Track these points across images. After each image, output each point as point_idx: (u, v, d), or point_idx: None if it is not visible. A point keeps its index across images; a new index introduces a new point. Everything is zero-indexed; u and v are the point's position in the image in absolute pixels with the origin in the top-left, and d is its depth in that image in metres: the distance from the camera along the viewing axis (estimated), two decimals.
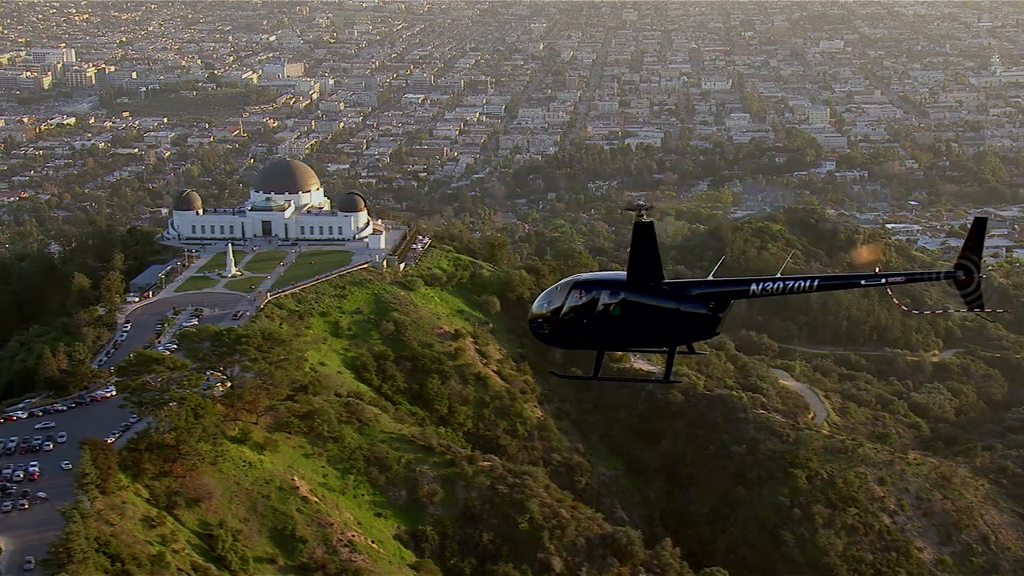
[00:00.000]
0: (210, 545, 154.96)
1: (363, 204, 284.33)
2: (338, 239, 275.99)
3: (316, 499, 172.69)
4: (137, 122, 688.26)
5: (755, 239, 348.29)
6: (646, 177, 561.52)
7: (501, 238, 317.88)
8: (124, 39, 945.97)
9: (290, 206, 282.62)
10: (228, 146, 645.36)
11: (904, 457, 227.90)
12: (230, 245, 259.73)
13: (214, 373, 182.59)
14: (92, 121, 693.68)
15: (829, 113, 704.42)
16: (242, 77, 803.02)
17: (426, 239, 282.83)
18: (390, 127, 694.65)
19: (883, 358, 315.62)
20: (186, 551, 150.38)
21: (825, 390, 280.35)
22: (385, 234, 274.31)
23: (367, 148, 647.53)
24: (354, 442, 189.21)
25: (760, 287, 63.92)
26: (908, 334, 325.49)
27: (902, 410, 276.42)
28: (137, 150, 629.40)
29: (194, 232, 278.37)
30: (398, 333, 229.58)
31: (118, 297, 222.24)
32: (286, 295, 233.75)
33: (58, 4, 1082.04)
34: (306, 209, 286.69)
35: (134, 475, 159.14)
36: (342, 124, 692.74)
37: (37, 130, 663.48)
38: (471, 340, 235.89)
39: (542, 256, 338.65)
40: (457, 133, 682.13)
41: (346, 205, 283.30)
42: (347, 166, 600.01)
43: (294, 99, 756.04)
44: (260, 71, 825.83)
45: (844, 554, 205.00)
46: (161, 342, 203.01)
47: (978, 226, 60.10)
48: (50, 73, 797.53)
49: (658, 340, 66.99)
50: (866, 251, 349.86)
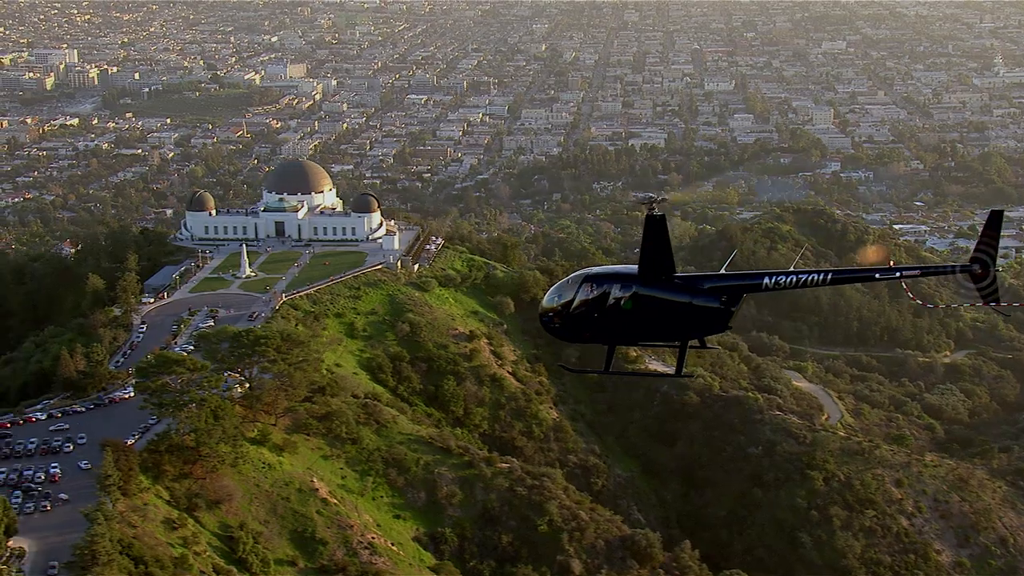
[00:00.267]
0: (231, 547, 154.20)
1: (377, 205, 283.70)
2: (351, 240, 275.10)
3: (335, 501, 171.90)
4: (140, 123, 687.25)
5: (765, 240, 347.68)
6: (651, 178, 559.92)
7: (514, 239, 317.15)
8: (126, 40, 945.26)
9: (303, 207, 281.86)
10: (232, 147, 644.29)
11: (921, 459, 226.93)
12: (244, 246, 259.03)
13: (232, 374, 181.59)
14: (95, 122, 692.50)
15: (833, 114, 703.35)
16: (244, 78, 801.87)
17: (439, 240, 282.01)
18: (393, 128, 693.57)
19: (894, 359, 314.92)
20: (207, 553, 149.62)
21: (838, 391, 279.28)
22: (399, 235, 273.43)
23: (371, 149, 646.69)
24: (372, 444, 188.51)
25: (773, 280, 64.24)
26: (919, 335, 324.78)
27: (915, 411, 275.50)
28: (141, 151, 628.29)
29: (207, 233, 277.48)
30: (413, 334, 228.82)
31: (133, 298, 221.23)
32: (301, 296, 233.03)
33: (59, 5, 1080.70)
34: (319, 210, 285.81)
35: (154, 477, 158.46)
36: (345, 125, 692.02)
37: (40, 131, 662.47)
38: (486, 341, 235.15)
39: (550, 256, 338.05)
40: (460, 134, 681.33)
41: (360, 206, 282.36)
42: (351, 167, 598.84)
43: (297, 100, 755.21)
44: (262, 72, 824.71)
45: (862, 556, 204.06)
46: (177, 343, 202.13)
47: (994, 219, 60.37)
48: (52, 74, 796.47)
49: (670, 334, 66.99)
50: (872, 251, 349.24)
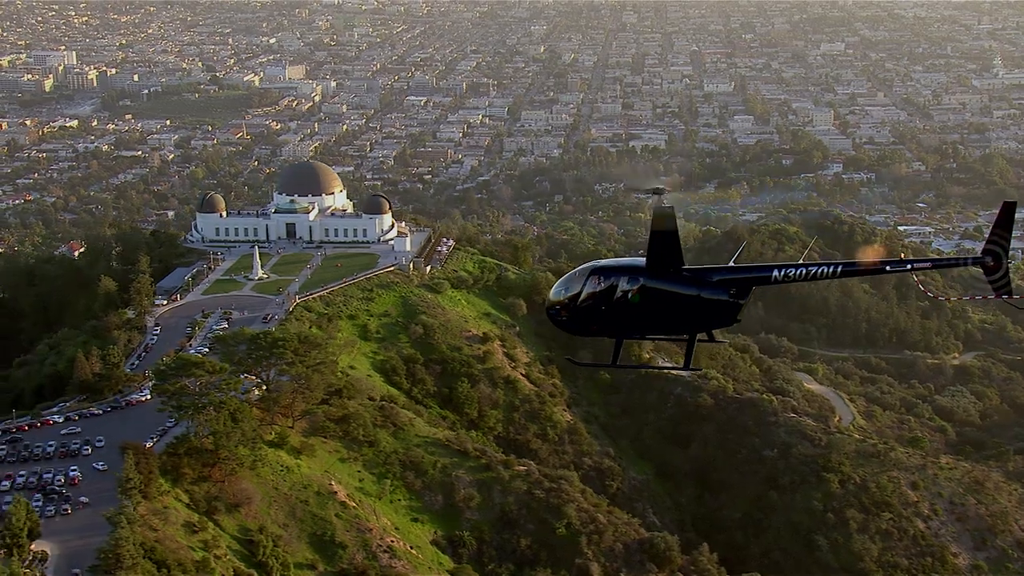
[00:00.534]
0: (250, 551, 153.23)
1: (388, 206, 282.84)
2: (363, 241, 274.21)
3: (354, 504, 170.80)
4: (140, 124, 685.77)
5: (772, 241, 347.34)
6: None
7: (525, 240, 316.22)
8: (124, 41, 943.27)
9: (314, 208, 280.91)
10: (232, 148, 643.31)
11: (936, 461, 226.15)
12: (257, 248, 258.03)
13: (248, 377, 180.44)
14: (95, 123, 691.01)
15: (833, 115, 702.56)
16: (243, 79, 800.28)
17: (450, 241, 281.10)
18: (393, 129, 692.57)
19: (903, 361, 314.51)
20: (228, 557, 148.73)
21: (849, 393, 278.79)
22: (410, 237, 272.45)
23: (371, 151, 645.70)
24: (389, 446, 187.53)
25: (783, 273, 63.07)
26: (928, 337, 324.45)
27: (927, 413, 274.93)
28: (141, 152, 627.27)
29: (218, 235, 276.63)
30: (427, 336, 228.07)
31: (147, 300, 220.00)
32: (314, 298, 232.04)
33: (57, 6, 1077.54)
34: (330, 211, 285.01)
35: (173, 480, 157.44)
36: (345, 127, 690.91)
37: (40, 132, 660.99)
38: (499, 343, 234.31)
39: (555, 258, 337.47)
40: (460, 135, 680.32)
41: (371, 207, 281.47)
42: (351, 168, 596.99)
43: (296, 101, 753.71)
44: (261, 73, 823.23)
45: (879, 559, 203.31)
46: (192, 345, 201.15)
47: (1007, 211, 59.51)
48: (51, 76, 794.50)
49: (678, 327, 66.24)
50: (877, 251, 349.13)
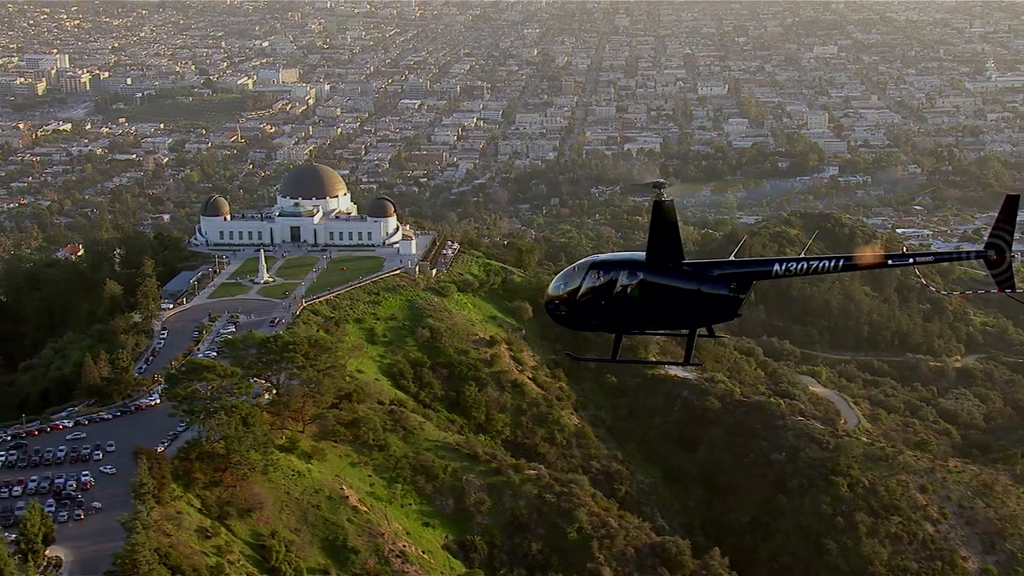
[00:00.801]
0: (263, 556, 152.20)
1: (392, 209, 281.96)
2: (368, 245, 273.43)
3: (365, 509, 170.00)
4: (133, 128, 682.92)
5: (773, 244, 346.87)
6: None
7: (529, 244, 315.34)
8: (116, 45, 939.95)
9: (318, 212, 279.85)
10: (226, 152, 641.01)
11: (944, 465, 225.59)
12: (262, 251, 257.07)
13: (257, 381, 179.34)
14: (88, 127, 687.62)
15: (827, 118, 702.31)
16: (237, 83, 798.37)
17: (455, 245, 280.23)
18: (388, 133, 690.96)
19: (906, 364, 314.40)
20: (241, 562, 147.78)
21: (853, 396, 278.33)
22: (415, 240, 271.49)
23: (366, 154, 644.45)
24: (399, 450, 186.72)
25: (784, 267, 62.66)
26: (930, 339, 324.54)
27: (931, 416, 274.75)
28: (135, 156, 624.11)
29: (222, 238, 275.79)
30: (433, 340, 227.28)
31: (153, 304, 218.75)
32: (321, 301, 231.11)
33: (48, 10, 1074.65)
34: (334, 214, 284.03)
35: (185, 485, 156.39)
36: (339, 130, 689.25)
37: (33, 136, 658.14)
38: (506, 346, 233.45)
39: (555, 261, 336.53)
40: (455, 139, 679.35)
41: (376, 210, 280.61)
42: (347, 172, 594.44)
43: (290, 105, 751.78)
44: (255, 77, 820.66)
45: (889, 563, 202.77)
46: (200, 349, 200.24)
47: (1010, 204, 59.17)
48: (44, 79, 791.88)
49: (678, 322, 65.71)
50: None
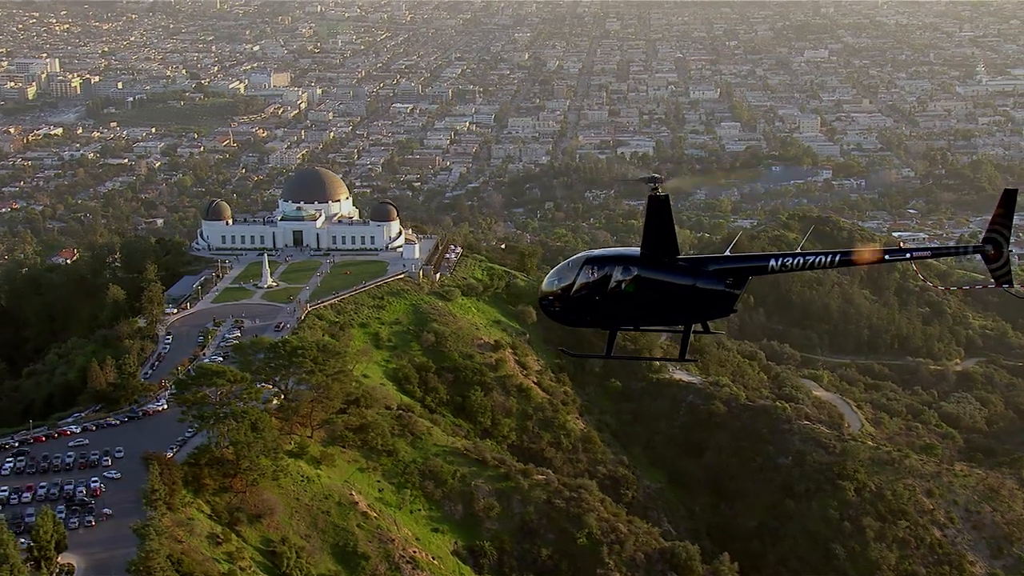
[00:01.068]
0: (274, 562, 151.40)
1: (395, 213, 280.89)
2: (371, 249, 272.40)
3: (375, 514, 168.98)
4: (125, 132, 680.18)
5: (772, 247, 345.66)
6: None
7: (532, 248, 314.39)
8: (107, 49, 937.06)
9: (321, 216, 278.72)
10: (218, 156, 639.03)
11: (951, 469, 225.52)
12: (266, 255, 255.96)
13: (265, 386, 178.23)
14: (80, 131, 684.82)
15: (820, 122, 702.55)
16: (228, 87, 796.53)
17: (458, 249, 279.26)
18: (380, 137, 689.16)
19: (906, 367, 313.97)
20: (252, 568, 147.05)
21: (855, 400, 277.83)
22: (418, 244, 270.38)
23: (358, 158, 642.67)
24: (408, 456, 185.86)
25: (780, 263, 62.18)
26: (930, 343, 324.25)
27: (933, 420, 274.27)
28: (127, 160, 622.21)
29: (224, 242, 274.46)
30: (438, 344, 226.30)
31: (158, 309, 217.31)
32: (325, 306, 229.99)
33: (38, 14, 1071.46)
34: (336, 219, 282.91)
35: (195, 491, 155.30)
36: (332, 134, 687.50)
37: (24, 140, 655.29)
38: (510, 351, 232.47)
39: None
40: (448, 142, 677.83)
41: (378, 214, 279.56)
42: (340, 176, 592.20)
43: (282, 109, 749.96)
44: (246, 81, 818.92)
45: (897, 568, 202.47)
46: (206, 354, 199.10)
47: (1008, 198, 58.73)
48: (34, 83, 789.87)
49: (673, 318, 65.22)
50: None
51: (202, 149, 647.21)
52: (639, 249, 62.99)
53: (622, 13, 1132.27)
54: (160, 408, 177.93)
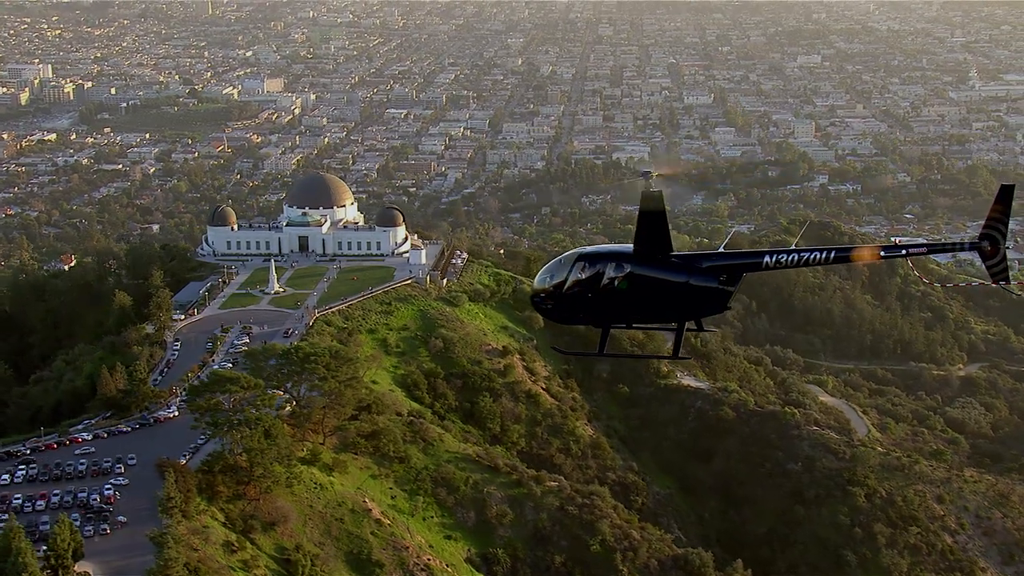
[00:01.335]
0: (288, 570, 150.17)
1: (401, 219, 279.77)
2: (377, 255, 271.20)
3: (388, 522, 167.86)
4: (119, 138, 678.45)
5: None
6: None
7: (538, 253, 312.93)
8: (99, 54, 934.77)
9: (326, 221, 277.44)
10: (213, 162, 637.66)
11: (961, 474, 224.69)
12: (273, 261, 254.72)
13: (276, 392, 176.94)
14: (73, 137, 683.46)
15: (814, 127, 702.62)
16: (222, 92, 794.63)
17: (464, 254, 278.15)
18: (375, 142, 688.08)
19: (909, 372, 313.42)
20: None
21: (861, 406, 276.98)
22: (425, 249, 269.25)
23: (353, 163, 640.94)
24: (420, 462, 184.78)
25: (774, 259, 61.27)
26: (932, 348, 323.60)
27: (939, 426, 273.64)
28: (121, 166, 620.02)
29: (229, 248, 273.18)
30: (447, 350, 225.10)
31: (166, 315, 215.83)
32: (333, 312, 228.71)
33: (29, 19, 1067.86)
34: (342, 224, 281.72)
35: (209, 498, 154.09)
36: (326, 139, 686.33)
37: (18, 146, 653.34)
38: (518, 357, 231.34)
39: None
40: (443, 148, 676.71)
41: (384, 220, 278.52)
42: None
43: (276, 114, 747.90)
44: (239, 86, 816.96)
45: (909, 574, 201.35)
46: (215, 360, 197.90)
47: (1005, 193, 58.46)
48: (27, 89, 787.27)
49: (666, 315, 64.51)
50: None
51: (196, 155, 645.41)
52: (632, 246, 62.33)
53: (614, 18, 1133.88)
54: (171, 415, 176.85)
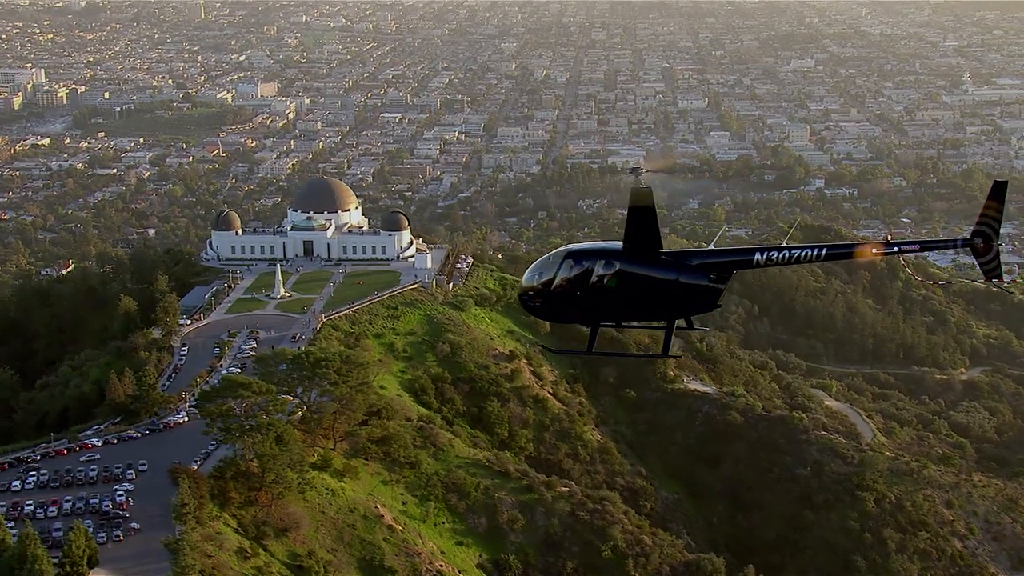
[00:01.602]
0: None
1: (406, 223, 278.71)
2: (382, 259, 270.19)
3: (400, 528, 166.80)
4: (113, 142, 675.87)
5: None
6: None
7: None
8: (92, 59, 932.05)
9: (331, 225, 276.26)
10: (208, 166, 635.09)
11: (969, 479, 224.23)
12: (279, 266, 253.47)
13: (287, 397, 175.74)
14: (67, 142, 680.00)
15: (809, 131, 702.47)
16: (216, 97, 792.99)
17: (469, 259, 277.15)
18: (370, 147, 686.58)
19: (912, 376, 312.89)
20: None
21: (865, 410, 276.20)
22: (430, 254, 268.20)
23: (348, 168, 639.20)
24: (430, 468, 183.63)
25: (765, 256, 61.12)
26: (935, 352, 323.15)
27: (943, 430, 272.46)
28: (116, 170, 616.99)
29: (233, 252, 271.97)
30: (454, 355, 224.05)
31: (173, 320, 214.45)
32: (340, 316, 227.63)
33: (21, 24, 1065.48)
34: (346, 228, 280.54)
35: (221, 504, 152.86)
36: (321, 144, 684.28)
37: (12, 151, 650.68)
38: (525, 361, 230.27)
39: None
40: (438, 152, 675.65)
41: (389, 224, 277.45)
42: None
43: (270, 119, 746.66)
44: (233, 91, 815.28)
45: None
46: (223, 365, 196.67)
47: (998, 190, 57.94)
48: (20, 93, 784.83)
49: (656, 313, 64.23)
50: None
51: (191, 159, 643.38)
52: (621, 243, 61.82)
53: (608, 23, 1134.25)
54: (180, 420, 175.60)
